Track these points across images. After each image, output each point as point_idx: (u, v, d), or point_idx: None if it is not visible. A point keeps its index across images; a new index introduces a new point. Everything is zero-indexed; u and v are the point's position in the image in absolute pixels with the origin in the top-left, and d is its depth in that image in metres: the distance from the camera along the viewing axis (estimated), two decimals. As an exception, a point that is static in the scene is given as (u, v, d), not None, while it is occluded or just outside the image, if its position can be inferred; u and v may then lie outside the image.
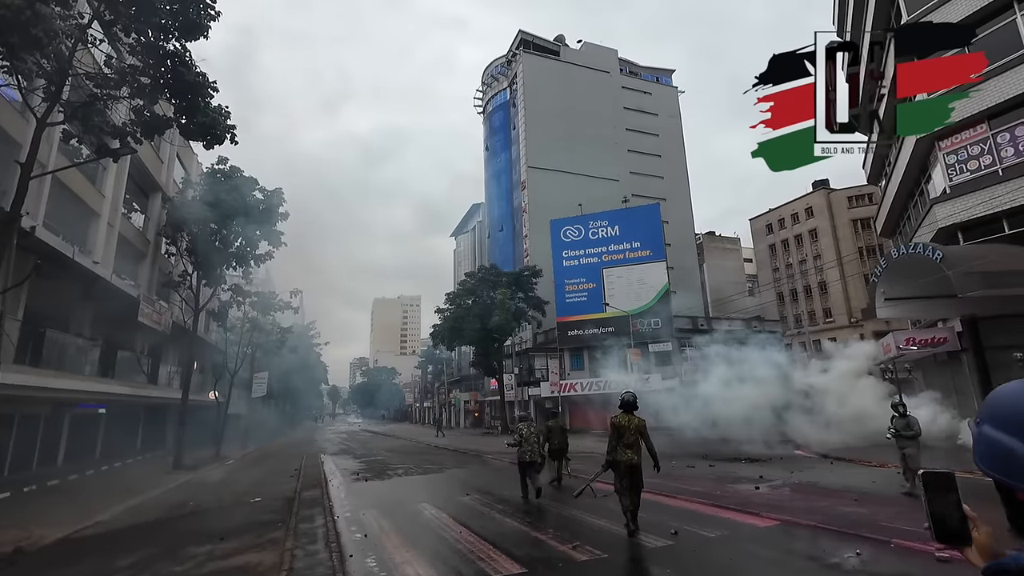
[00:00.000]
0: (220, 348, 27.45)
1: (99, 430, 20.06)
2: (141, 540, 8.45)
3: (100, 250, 16.51)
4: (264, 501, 11.41)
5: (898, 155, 18.71)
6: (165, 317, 19.95)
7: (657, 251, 37.48)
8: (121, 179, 18.19)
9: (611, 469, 6.80)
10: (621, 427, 6.75)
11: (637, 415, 6.94)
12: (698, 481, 10.85)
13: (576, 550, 5.99)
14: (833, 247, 47.18)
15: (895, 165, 19.31)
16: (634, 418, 6.81)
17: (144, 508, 11.54)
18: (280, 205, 21.52)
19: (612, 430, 6.83)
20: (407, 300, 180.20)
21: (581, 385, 34.30)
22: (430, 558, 6.10)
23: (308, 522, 8.65)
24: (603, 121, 48.29)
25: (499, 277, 36.24)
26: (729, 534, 6.37)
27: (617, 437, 6.73)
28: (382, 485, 13.00)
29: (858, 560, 5.13)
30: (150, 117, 11.60)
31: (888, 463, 12.79)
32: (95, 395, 16.24)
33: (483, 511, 8.76)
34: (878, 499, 8.30)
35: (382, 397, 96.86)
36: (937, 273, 13.75)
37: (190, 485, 15.04)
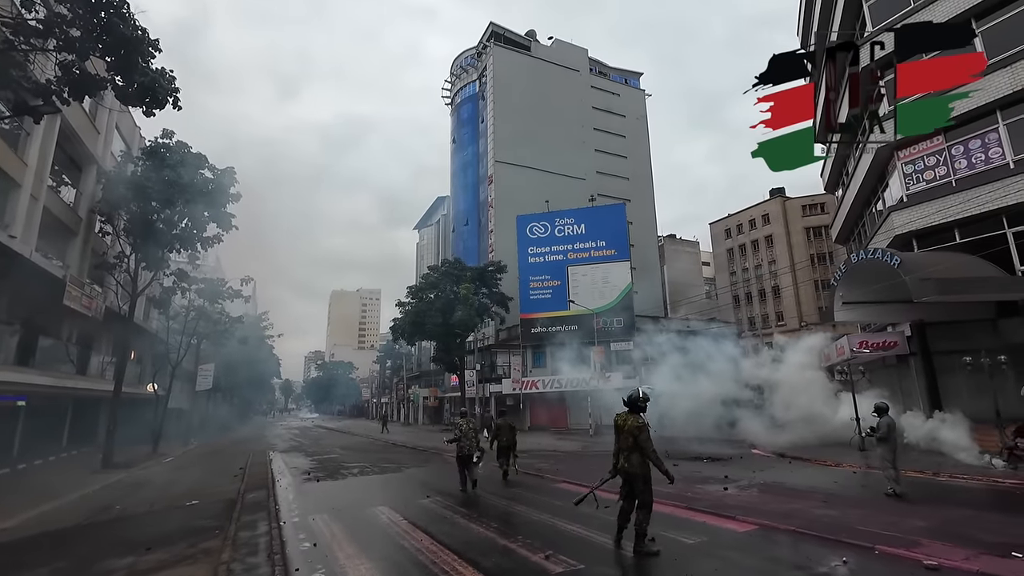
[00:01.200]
0: (161, 338, 25.56)
1: (17, 425, 18.10)
2: (49, 552, 7.39)
3: (20, 224, 14.79)
4: (202, 504, 10.41)
5: (857, 163, 19.28)
6: (97, 302, 18.23)
7: (622, 251, 37.71)
8: (48, 147, 16.40)
9: None
10: (616, 427, 6.14)
11: (642, 416, 6.12)
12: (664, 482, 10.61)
13: (549, 560, 5.52)
14: (787, 253, 49.00)
15: (854, 173, 19.91)
16: (629, 418, 6.03)
17: (61, 513, 10.31)
18: (232, 185, 20.12)
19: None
20: (366, 293, 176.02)
21: (543, 383, 34.09)
22: (387, 571, 5.50)
23: (250, 529, 7.82)
24: (571, 119, 48.26)
25: (463, 271, 35.50)
26: (708, 540, 6.07)
27: (615, 439, 6.15)
28: (335, 486, 12.18)
29: (846, 569, 4.90)
30: (80, 75, 10.31)
31: (844, 463, 13.05)
32: (11, 386, 14.58)
33: (445, 515, 8.18)
34: (845, 500, 8.27)
35: (338, 392, 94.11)
36: (893, 278, 14.13)
37: (120, 486, 13.72)
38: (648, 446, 5.84)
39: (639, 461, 5.83)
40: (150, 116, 11.14)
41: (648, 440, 5.86)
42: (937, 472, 11.00)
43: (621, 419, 6.10)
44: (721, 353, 22.23)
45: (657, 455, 5.90)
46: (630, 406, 6.15)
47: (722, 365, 21.42)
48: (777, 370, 21.15)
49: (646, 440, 5.84)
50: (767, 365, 21.77)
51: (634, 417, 6.01)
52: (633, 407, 6.12)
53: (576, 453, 18.25)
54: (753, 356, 23.85)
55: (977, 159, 14.23)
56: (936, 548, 5.39)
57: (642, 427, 5.89)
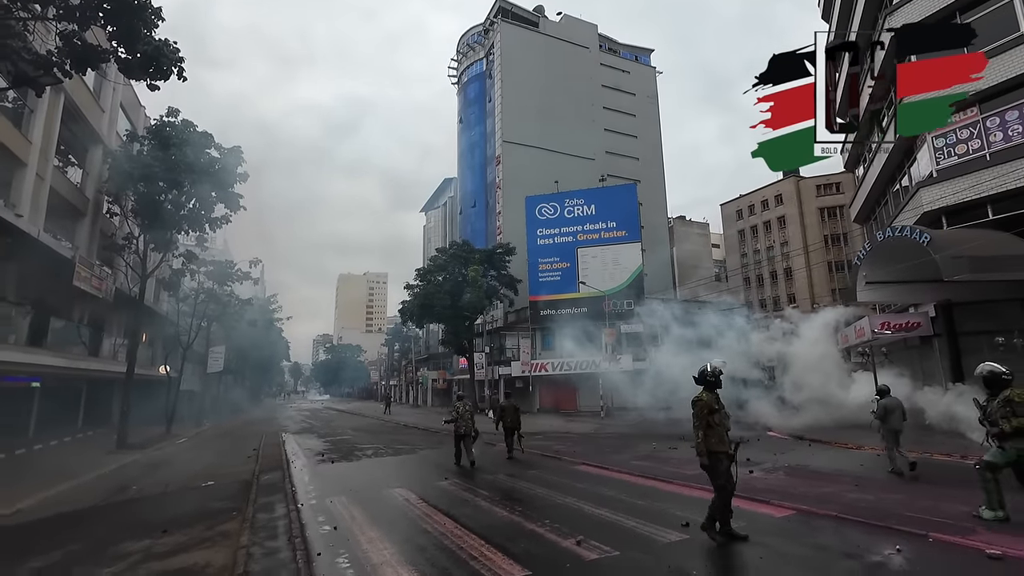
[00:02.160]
0: (172, 320, 25.52)
1: (32, 405, 18.17)
2: (66, 533, 7.28)
3: (26, 204, 14.56)
4: (217, 485, 10.32)
5: (882, 139, 18.57)
6: (107, 283, 18.08)
7: (632, 232, 37.14)
8: (52, 125, 16.08)
9: None
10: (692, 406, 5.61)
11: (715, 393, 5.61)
12: (688, 464, 10.38)
13: (581, 545, 5.29)
14: (800, 234, 48.17)
15: (878, 149, 19.21)
16: (702, 395, 5.55)
17: (77, 493, 10.26)
18: (238, 165, 19.76)
19: None
20: (373, 277, 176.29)
21: (552, 365, 33.93)
22: (412, 557, 5.28)
23: (267, 511, 7.67)
24: (581, 98, 47.23)
25: (471, 254, 35.15)
26: (746, 526, 5.78)
27: None
28: (350, 467, 12.07)
29: (902, 558, 4.62)
30: (81, 45, 9.93)
31: (865, 445, 12.75)
32: (24, 367, 14.51)
33: (466, 498, 7.99)
34: (877, 484, 7.98)
35: (347, 375, 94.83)
36: (921, 256, 13.64)
37: (135, 466, 13.71)
38: (695, 422, 5.43)
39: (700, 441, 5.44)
40: (154, 89, 10.76)
41: (699, 417, 5.42)
42: (965, 455, 10.68)
43: (697, 397, 5.61)
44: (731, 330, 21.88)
45: (697, 434, 5.42)
46: (700, 381, 5.69)
47: (732, 343, 21.09)
48: (789, 345, 20.78)
49: (697, 416, 5.45)
50: (779, 340, 21.38)
51: (700, 393, 5.58)
52: (703, 382, 5.67)
53: (590, 435, 18.10)
54: (764, 330, 23.46)
55: (1014, 131, 13.57)
56: (992, 536, 5.09)
57: (696, 401, 5.50)
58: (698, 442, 5.38)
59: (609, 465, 10.60)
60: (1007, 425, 5.59)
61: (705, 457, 5.33)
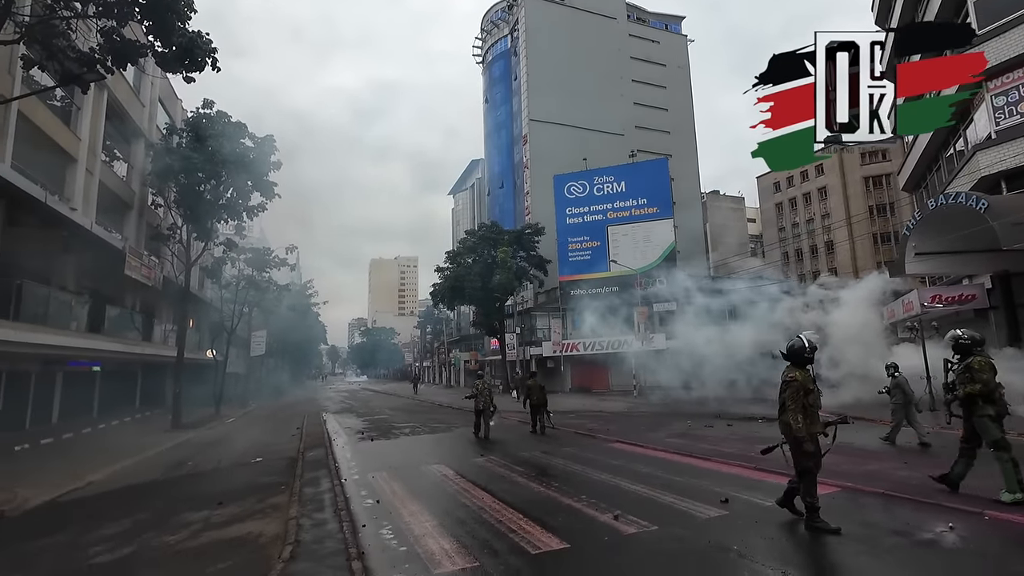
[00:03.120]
0: (216, 306, 26.63)
1: (95, 388, 19.45)
2: (133, 504, 7.82)
3: (79, 198, 15.33)
4: (265, 462, 10.84)
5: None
6: (155, 272, 18.98)
7: (664, 208, 36.34)
8: (98, 120, 16.78)
9: None
10: None
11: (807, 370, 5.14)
12: (725, 442, 10.28)
13: (619, 520, 5.33)
14: (843, 205, 46.06)
15: (930, 112, 18.02)
16: (796, 374, 5.04)
17: (140, 468, 10.97)
18: (272, 153, 20.24)
19: None
20: (404, 261, 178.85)
21: (583, 345, 33.86)
22: (453, 529, 5.44)
23: (313, 485, 8.02)
24: (609, 71, 45.94)
25: (500, 235, 35.12)
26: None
27: None
28: (389, 445, 12.46)
29: (955, 536, 4.47)
30: (121, 41, 10.26)
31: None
32: (85, 352, 15.46)
33: (503, 474, 8.14)
34: (928, 462, 7.67)
35: (382, 357, 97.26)
36: (977, 224, 12.85)
37: (189, 444, 14.52)
38: (788, 403, 4.89)
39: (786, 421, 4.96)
40: (190, 82, 11.04)
41: (793, 397, 4.89)
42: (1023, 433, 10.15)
43: (783, 375, 5.16)
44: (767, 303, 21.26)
45: (796, 418, 4.82)
46: (791, 358, 5.15)
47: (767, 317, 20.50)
48: (827, 315, 20.05)
49: (790, 397, 4.91)
50: (816, 309, 20.63)
51: (789, 370, 5.08)
52: (795, 359, 5.13)
53: (623, 413, 18.08)
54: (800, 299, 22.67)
55: (1086, 85, 12.50)
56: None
57: (790, 381, 4.97)
58: (798, 427, 4.80)
59: (644, 443, 10.58)
60: (962, 390, 5.73)
61: (811, 443, 4.83)
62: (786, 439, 5.05)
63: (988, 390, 5.59)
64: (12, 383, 14.54)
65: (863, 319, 18.74)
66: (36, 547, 5.95)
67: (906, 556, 4.24)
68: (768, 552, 4.35)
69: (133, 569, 4.91)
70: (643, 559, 4.39)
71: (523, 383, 15.79)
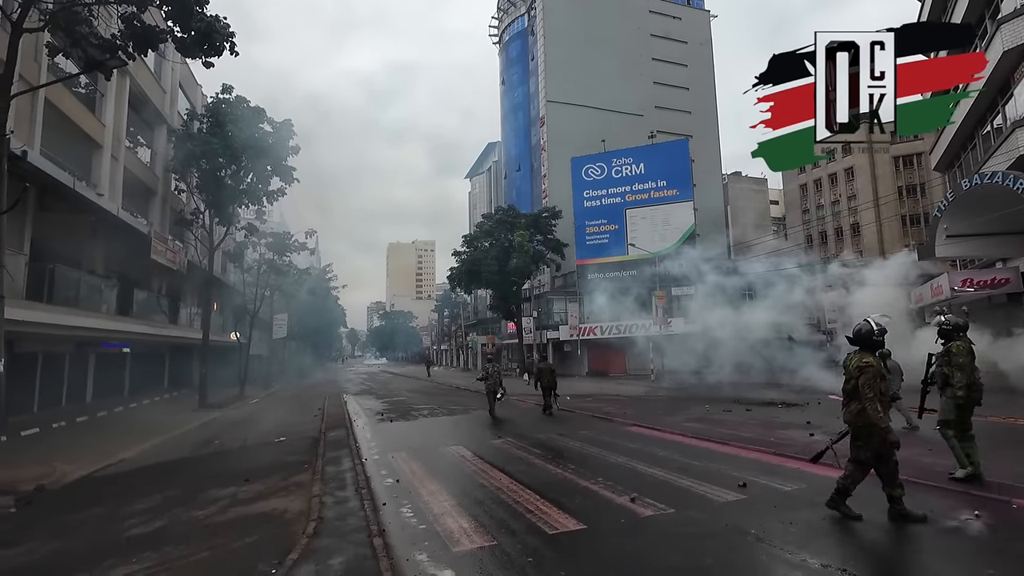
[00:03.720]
0: (239, 290, 27.18)
1: (125, 369, 20.15)
2: (163, 480, 8.14)
3: (105, 184, 15.70)
4: (289, 441, 11.13)
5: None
6: (180, 256, 19.43)
7: (684, 190, 35.72)
8: (121, 107, 17.07)
9: None
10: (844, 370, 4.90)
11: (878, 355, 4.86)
12: (743, 427, 10.21)
13: (636, 503, 5.35)
14: (870, 186, 44.60)
15: (966, 88, 17.23)
16: (854, 356, 4.75)
17: (169, 446, 11.37)
18: (290, 138, 20.35)
19: None
20: (421, 244, 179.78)
21: (601, 329, 33.78)
22: (471, 508, 5.54)
23: (335, 464, 8.22)
24: (628, 50, 44.83)
25: (517, 218, 34.95)
26: (808, 487, 5.67)
27: None
28: (408, 426, 12.68)
29: (982, 523, 4.38)
30: (141, 28, 10.36)
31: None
32: (115, 334, 15.98)
33: (520, 456, 8.23)
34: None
35: (400, 340, 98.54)
36: (1014, 205, 12.39)
37: (215, 424, 14.98)
38: (866, 391, 4.49)
39: (858, 409, 4.58)
40: (209, 67, 11.14)
41: (870, 384, 4.49)
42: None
43: (848, 359, 4.86)
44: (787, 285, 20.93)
45: (876, 408, 4.46)
46: (859, 342, 4.79)
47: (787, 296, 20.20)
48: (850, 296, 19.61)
49: (867, 384, 4.50)
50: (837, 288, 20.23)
51: (860, 355, 4.71)
52: (863, 343, 4.77)
53: (641, 397, 18.06)
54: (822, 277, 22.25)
55: None
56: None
57: (865, 367, 4.57)
58: (880, 416, 4.45)
59: (661, 426, 10.57)
60: (938, 371, 6.00)
61: (893, 434, 4.54)
62: (851, 430, 4.75)
63: (964, 373, 5.71)
64: (48, 364, 15.14)
65: (886, 299, 18.33)
66: (76, 519, 6.24)
67: (929, 543, 4.19)
68: (786, 537, 4.33)
69: (166, 541, 5.12)
70: (660, 541, 4.41)
71: (535, 366, 16.11)
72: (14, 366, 11.75)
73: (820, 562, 3.78)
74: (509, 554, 4.20)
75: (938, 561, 3.89)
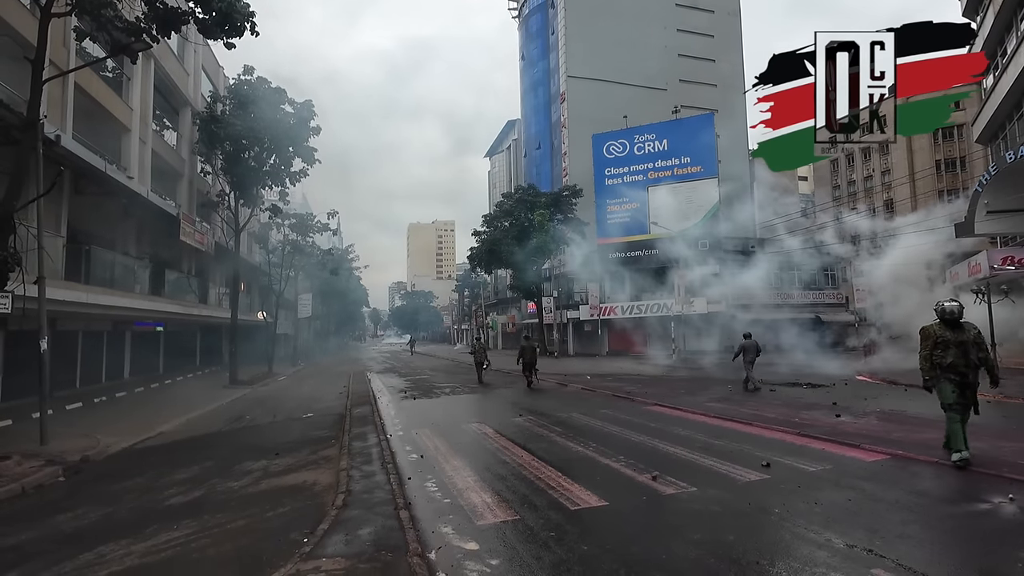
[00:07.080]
0: (264, 270, 27.79)
1: (159, 346, 20.93)
2: (199, 452, 8.50)
3: (135, 166, 16.06)
4: (315, 417, 11.47)
5: (1021, 42, 15.64)
6: (207, 237, 19.87)
7: (709, 167, 34.87)
8: (147, 90, 17.32)
9: None
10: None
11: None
12: (767, 407, 10.10)
13: (657, 481, 5.38)
14: (906, 160, 42.74)
15: (1015, 52, 16.23)
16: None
17: (203, 421, 11.83)
18: (311, 118, 20.44)
19: None
20: (442, 224, 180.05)
21: (621, 308, 33.59)
22: (494, 483, 5.64)
23: (361, 440, 8.45)
24: (652, 21, 43.38)
25: (537, 197, 34.66)
26: (833, 468, 5.60)
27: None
28: (431, 403, 12.92)
29: (1015, 507, 4.28)
30: (164, 10, 10.41)
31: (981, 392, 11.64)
32: (148, 313, 16.54)
33: (541, 433, 8.32)
34: (990, 431, 7.30)
35: (421, 319, 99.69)
36: (1063, 179, 11.71)
37: (245, 400, 15.50)
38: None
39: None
40: (230, 48, 11.17)
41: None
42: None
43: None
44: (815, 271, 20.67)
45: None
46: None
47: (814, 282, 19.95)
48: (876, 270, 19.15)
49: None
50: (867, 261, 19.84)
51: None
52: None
53: (661, 377, 17.99)
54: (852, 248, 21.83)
55: None
56: None
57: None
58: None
59: (683, 406, 10.54)
60: None
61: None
62: None
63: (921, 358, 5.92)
64: (88, 342, 15.82)
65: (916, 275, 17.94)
66: (119, 488, 6.58)
67: (958, 526, 4.11)
68: (810, 516, 4.30)
69: (204, 509, 5.37)
70: (682, 518, 4.43)
71: (520, 345, 16.86)
72: (57, 344, 12.32)
73: (845, 542, 3.75)
74: (532, 528, 4.28)
75: (968, 544, 3.82)
